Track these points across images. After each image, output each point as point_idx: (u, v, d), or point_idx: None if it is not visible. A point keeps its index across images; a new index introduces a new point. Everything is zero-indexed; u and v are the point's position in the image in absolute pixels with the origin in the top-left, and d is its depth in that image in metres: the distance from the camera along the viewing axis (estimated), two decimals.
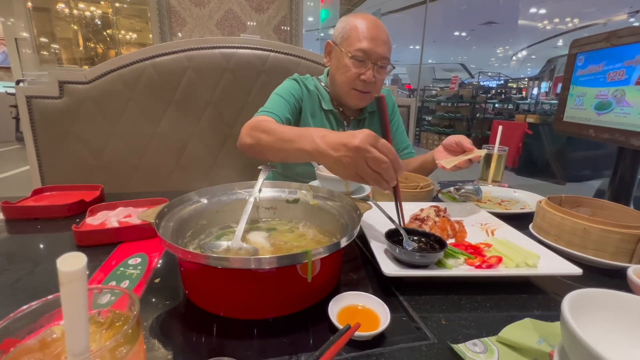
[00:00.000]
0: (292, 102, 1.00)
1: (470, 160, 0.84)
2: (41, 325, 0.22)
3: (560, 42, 10.17)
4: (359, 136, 0.52)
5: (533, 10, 7.93)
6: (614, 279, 0.56)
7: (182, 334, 0.42)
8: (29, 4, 4.28)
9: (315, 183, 0.94)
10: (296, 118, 1.03)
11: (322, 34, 8.05)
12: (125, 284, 0.49)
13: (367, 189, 0.95)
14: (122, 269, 0.53)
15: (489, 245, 0.59)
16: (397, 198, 0.61)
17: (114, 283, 0.49)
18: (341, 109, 1.10)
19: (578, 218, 0.60)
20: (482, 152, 0.82)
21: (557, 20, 8.63)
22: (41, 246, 0.64)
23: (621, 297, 0.35)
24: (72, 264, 0.16)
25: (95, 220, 0.68)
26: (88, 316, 0.17)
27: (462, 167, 0.84)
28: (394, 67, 1.03)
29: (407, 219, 0.69)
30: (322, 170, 0.92)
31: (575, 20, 8.54)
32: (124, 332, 0.20)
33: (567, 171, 4.42)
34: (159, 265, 0.55)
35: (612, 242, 0.57)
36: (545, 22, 8.75)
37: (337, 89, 1.04)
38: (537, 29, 9.19)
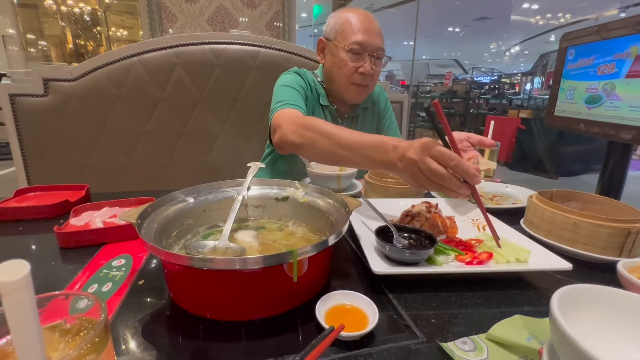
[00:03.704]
0: (304, 96, 0.98)
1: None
2: (1, 335, 0.21)
3: (552, 38, 10.23)
4: (412, 147, 0.51)
5: (525, 5, 7.95)
6: (604, 273, 0.56)
7: (166, 336, 0.40)
8: None
9: (306, 180, 0.93)
10: None
11: (315, 30, 8.01)
12: (107, 286, 0.48)
13: (359, 185, 0.94)
14: (105, 270, 0.52)
15: (479, 241, 0.59)
16: (479, 206, 0.54)
17: (96, 285, 0.48)
18: (336, 106, 1.08)
19: (568, 212, 0.60)
20: (493, 165, 0.75)
21: (549, 15, 8.67)
22: (23, 248, 0.62)
23: (611, 293, 0.34)
24: (12, 273, 0.14)
25: (79, 221, 0.66)
26: (39, 327, 0.16)
27: None
28: (390, 58, 1.01)
29: (398, 215, 0.69)
30: (312, 167, 0.91)
31: (567, 16, 8.59)
32: (88, 340, 0.19)
33: (560, 166, 4.46)
34: (144, 267, 0.54)
35: (602, 236, 0.57)
36: (538, 17, 8.79)
37: (335, 85, 1.02)
38: (529, 24, 9.23)
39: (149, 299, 0.46)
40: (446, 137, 0.49)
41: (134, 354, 0.37)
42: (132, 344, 0.38)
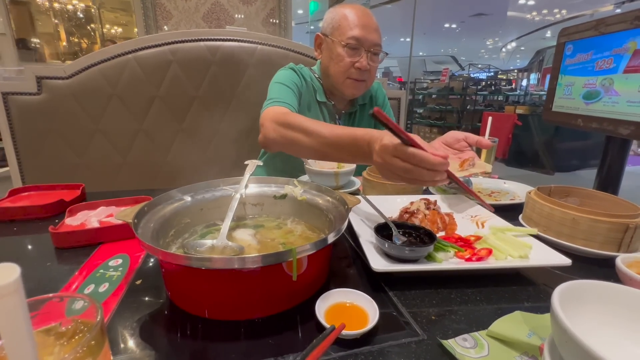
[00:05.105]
0: (297, 92, 0.97)
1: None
2: None
3: (548, 34, 10.24)
4: (376, 151, 0.53)
5: (522, 1, 7.95)
6: (603, 268, 0.56)
7: (164, 337, 0.40)
8: None
9: (304, 178, 0.92)
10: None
11: (312, 27, 7.97)
12: (104, 286, 0.47)
13: (357, 182, 0.94)
14: (101, 271, 0.51)
15: (479, 238, 0.59)
16: (458, 183, 0.57)
17: (93, 286, 0.47)
18: (333, 102, 1.08)
19: (567, 208, 0.60)
20: (489, 168, 0.74)
21: (545, 11, 8.68)
22: (18, 249, 0.61)
23: (610, 288, 0.34)
24: (1, 277, 0.14)
25: (74, 220, 0.65)
26: (31, 332, 0.15)
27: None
28: (386, 54, 1.01)
29: (397, 213, 0.68)
30: (310, 165, 0.90)
31: (564, 12, 8.61)
32: (84, 343, 0.19)
33: (556, 161, 4.49)
34: (141, 267, 0.54)
35: (600, 231, 0.57)
36: (534, 13, 8.80)
37: (331, 80, 1.01)
38: (525, 20, 9.24)
39: (146, 299, 0.46)
40: (400, 135, 0.48)
41: (131, 355, 0.36)
42: (130, 345, 0.38)
